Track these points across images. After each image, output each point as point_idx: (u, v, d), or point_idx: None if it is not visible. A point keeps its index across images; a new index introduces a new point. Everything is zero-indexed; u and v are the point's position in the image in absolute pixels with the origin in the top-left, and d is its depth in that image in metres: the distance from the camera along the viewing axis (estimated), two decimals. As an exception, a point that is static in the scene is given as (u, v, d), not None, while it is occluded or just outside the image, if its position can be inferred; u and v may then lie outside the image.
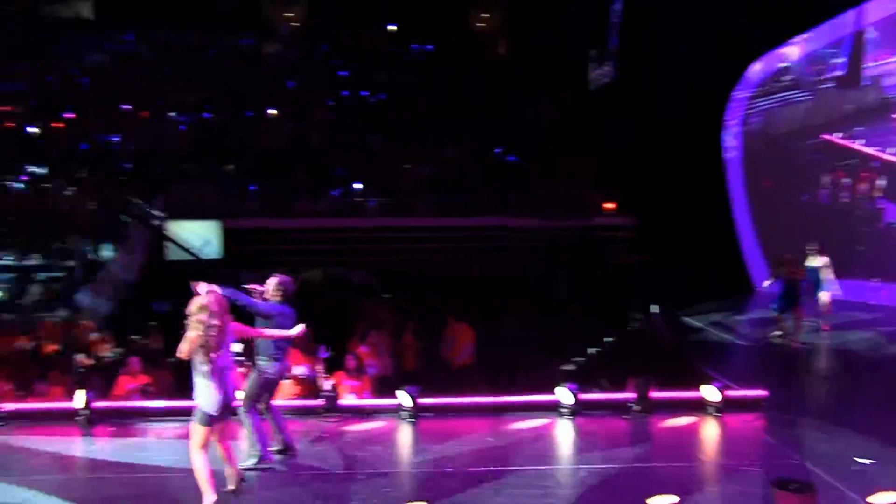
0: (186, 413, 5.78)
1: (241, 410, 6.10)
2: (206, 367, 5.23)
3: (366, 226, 18.73)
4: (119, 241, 16.67)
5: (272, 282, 6.28)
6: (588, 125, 19.67)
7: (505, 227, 18.66)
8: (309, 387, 8.88)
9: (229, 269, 16.82)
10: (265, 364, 6.15)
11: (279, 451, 6.32)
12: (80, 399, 7.33)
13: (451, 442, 6.93)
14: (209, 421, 5.29)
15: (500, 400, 7.92)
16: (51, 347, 10.29)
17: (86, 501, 5.64)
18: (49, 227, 17.01)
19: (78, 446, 6.99)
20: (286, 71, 25.03)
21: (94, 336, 10.37)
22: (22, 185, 18.44)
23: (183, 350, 5.19)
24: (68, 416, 7.39)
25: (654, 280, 15.20)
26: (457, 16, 26.93)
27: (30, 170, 18.91)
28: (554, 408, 7.62)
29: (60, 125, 21.15)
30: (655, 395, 7.58)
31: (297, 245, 18.55)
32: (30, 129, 20.83)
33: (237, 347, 7.31)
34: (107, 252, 16.28)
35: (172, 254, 16.99)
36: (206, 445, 5.33)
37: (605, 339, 12.51)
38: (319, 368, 8.61)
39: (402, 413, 7.56)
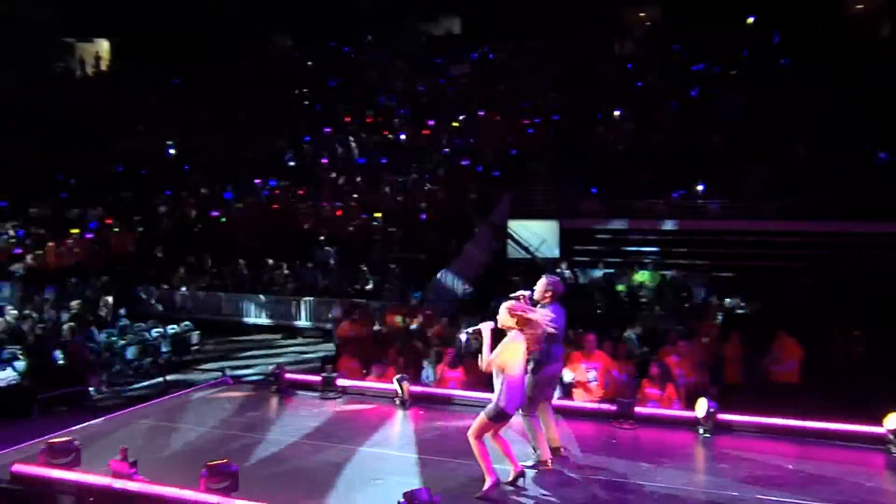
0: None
1: (520, 411, 6.53)
2: (507, 372, 5.75)
3: (706, 228, 18.18)
4: (467, 237, 18.41)
5: (541, 283, 6.59)
6: None
7: (868, 234, 16.77)
8: (620, 390, 9.12)
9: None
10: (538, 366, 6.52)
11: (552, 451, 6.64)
12: (397, 384, 8.35)
13: (745, 463, 6.67)
14: (502, 417, 5.77)
15: (811, 425, 7.37)
16: (392, 331, 11.82)
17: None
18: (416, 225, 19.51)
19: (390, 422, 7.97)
20: (636, 71, 25.14)
21: (439, 323, 11.56)
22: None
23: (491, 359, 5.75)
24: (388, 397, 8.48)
25: None
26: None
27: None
28: (882, 441, 6.92)
29: (426, 132, 23.74)
30: None
31: (634, 246, 18.69)
32: (401, 137, 23.75)
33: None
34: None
35: (512, 252, 18.18)
36: (483, 436, 5.81)
37: None
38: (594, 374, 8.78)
39: (699, 427, 7.43)
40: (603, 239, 19.21)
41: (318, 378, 8.87)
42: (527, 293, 6.38)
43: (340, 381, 8.79)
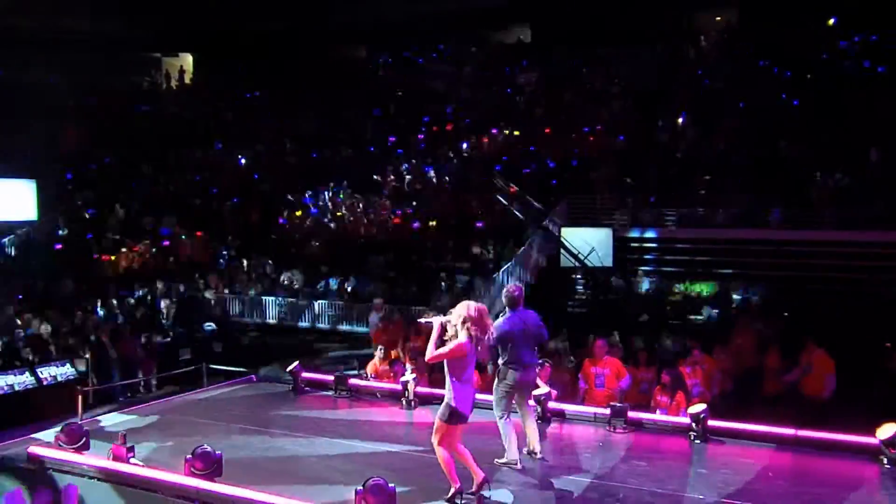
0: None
1: (496, 412, 6.86)
2: (454, 373, 6.00)
3: (766, 238, 17.85)
4: (522, 243, 18.72)
5: (508, 290, 6.93)
6: None
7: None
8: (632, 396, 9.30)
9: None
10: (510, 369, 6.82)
11: (528, 453, 6.95)
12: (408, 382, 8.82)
13: (728, 470, 6.78)
14: (458, 419, 6.00)
15: (802, 434, 7.40)
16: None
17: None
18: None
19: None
20: (706, 76, 24.85)
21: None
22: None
23: (442, 353, 6.00)
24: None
25: None
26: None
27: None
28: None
29: (486, 140, 24.14)
30: None
31: (690, 255, 18.52)
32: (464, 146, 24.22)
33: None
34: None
35: (563, 261, 18.33)
36: (453, 444, 6.01)
37: None
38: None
39: (691, 433, 7.57)
40: (658, 247, 19.12)
41: (330, 377, 9.40)
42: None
43: (352, 381, 9.30)
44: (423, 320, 6.72)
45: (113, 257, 20.85)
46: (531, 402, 7.38)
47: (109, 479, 6.29)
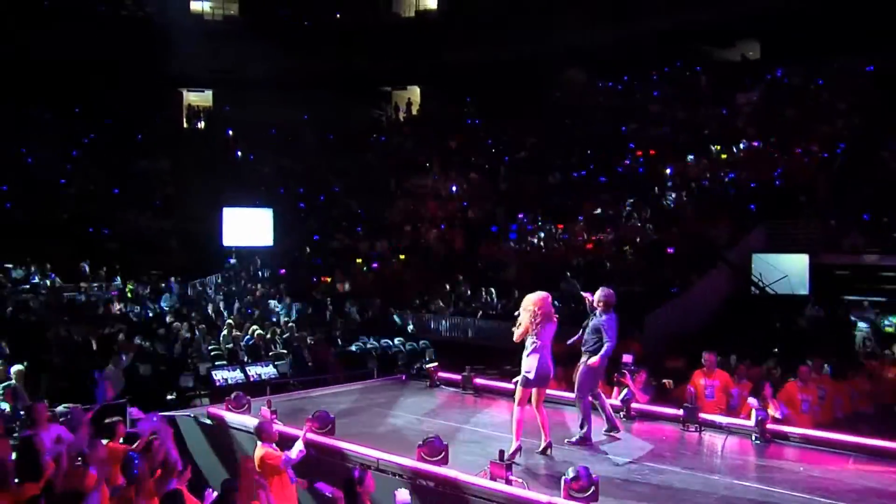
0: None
1: (576, 395, 8.69)
2: (531, 345, 8.09)
3: None
4: (704, 270, 19.65)
5: (598, 294, 8.65)
6: None
7: None
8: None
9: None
10: (587, 357, 8.59)
11: (608, 431, 8.68)
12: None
13: (772, 467, 8.04)
14: (528, 384, 8.07)
15: (851, 439, 8.36)
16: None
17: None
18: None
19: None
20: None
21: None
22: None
23: (517, 333, 8.18)
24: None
25: None
26: None
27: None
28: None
29: (690, 163, 25.10)
30: None
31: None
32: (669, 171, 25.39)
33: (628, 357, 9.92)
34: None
35: (753, 287, 18.96)
36: (524, 404, 8.10)
37: None
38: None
39: (754, 433, 8.81)
40: (864, 276, 19.05)
41: (459, 377, 11.59)
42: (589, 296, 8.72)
43: (477, 380, 11.44)
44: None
45: (329, 279, 24.54)
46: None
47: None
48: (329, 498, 6.02)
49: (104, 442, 7.53)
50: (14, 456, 7.18)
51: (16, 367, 11.73)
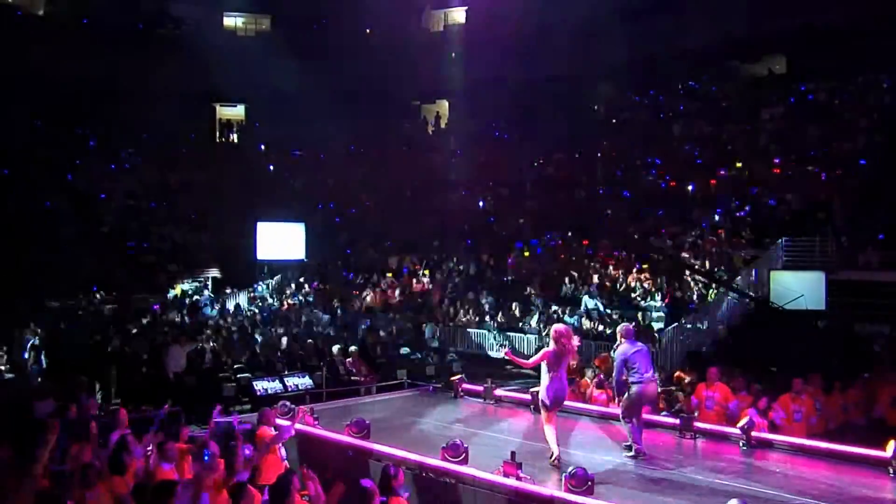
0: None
1: (621, 417, 10.12)
2: (546, 372, 9.55)
3: None
4: (723, 286, 20.94)
5: (621, 328, 10.10)
6: None
7: None
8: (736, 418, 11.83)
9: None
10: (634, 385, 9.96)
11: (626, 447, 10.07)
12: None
13: (746, 467, 9.46)
14: (548, 409, 9.53)
15: (825, 446, 9.73)
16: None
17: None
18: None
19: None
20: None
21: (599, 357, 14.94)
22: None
23: (533, 358, 9.70)
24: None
25: None
26: None
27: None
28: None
29: (713, 182, 26.40)
30: None
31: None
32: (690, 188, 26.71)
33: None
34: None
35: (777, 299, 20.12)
36: (550, 421, 9.53)
37: None
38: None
39: (740, 441, 10.22)
40: (878, 292, 20.09)
41: (481, 388, 13.11)
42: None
43: (497, 391, 12.95)
44: None
45: (358, 292, 26.18)
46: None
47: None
48: (368, 490, 7.44)
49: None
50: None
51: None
